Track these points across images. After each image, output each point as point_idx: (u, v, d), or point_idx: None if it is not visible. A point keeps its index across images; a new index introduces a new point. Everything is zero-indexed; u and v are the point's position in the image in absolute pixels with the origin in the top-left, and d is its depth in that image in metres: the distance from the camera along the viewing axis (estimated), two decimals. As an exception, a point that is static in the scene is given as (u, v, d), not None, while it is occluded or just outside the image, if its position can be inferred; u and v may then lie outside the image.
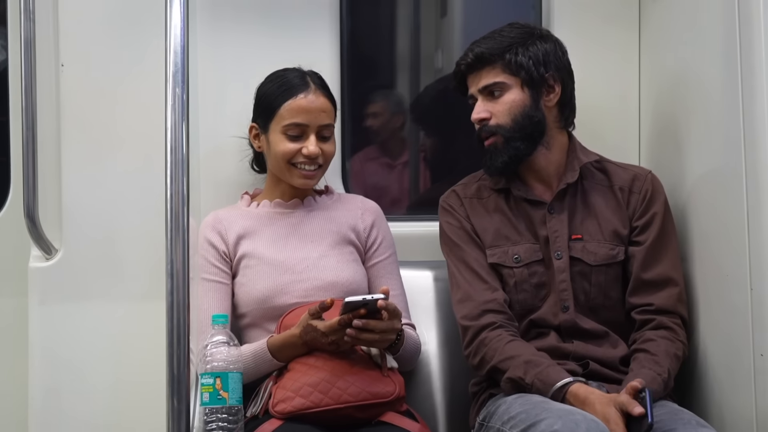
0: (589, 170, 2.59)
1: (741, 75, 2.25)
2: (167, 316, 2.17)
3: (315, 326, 2.37)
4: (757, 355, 2.21)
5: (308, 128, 2.58)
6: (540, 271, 2.52)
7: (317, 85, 2.62)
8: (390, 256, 2.70)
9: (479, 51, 2.52)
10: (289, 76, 2.63)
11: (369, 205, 2.74)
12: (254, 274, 2.58)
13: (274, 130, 2.60)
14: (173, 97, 2.19)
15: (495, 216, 2.58)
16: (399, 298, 2.64)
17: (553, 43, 2.55)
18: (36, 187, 2.70)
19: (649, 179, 2.58)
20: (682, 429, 2.20)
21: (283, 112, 2.58)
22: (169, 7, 2.22)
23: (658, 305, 2.47)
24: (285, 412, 2.36)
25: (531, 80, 2.50)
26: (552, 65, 2.52)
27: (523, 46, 2.50)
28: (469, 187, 2.65)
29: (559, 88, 2.53)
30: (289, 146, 2.58)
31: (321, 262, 2.59)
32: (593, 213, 2.55)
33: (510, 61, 2.49)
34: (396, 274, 2.69)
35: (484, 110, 2.53)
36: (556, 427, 2.09)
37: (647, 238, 2.52)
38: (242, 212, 2.68)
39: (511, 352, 2.40)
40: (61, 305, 2.77)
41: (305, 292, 2.55)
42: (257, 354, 2.47)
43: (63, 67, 2.77)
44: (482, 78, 2.53)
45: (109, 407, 2.79)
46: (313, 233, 2.65)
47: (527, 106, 2.50)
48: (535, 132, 2.52)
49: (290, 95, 2.58)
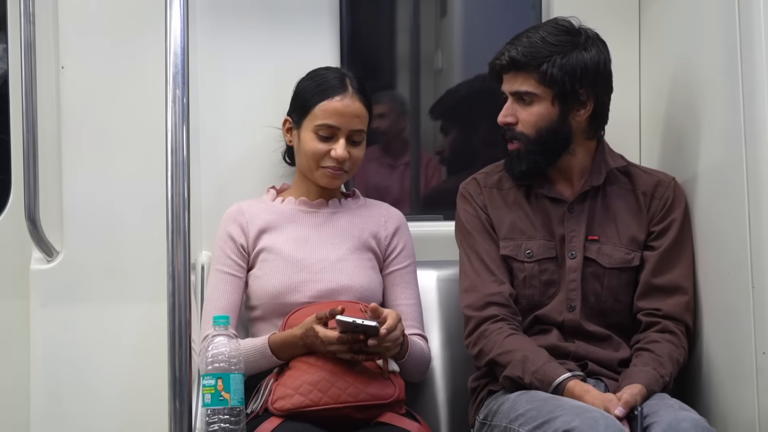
0: (614, 174, 2.56)
1: (741, 74, 2.24)
2: (168, 318, 2.17)
3: (316, 332, 2.37)
4: (759, 353, 2.21)
5: (339, 131, 2.58)
6: (551, 268, 2.52)
7: (355, 90, 2.61)
8: (409, 265, 2.69)
9: (515, 56, 2.44)
10: (328, 76, 2.63)
11: (393, 213, 2.74)
12: (270, 268, 2.58)
13: (306, 127, 2.60)
14: (173, 99, 2.18)
15: (513, 209, 2.56)
16: (413, 308, 2.64)
17: (596, 52, 2.45)
18: (37, 189, 2.70)
19: (672, 186, 2.56)
20: (663, 411, 2.20)
21: (317, 111, 2.58)
22: (169, 8, 2.21)
23: (665, 311, 2.47)
24: (284, 410, 2.37)
25: (563, 95, 2.44)
26: (588, 80, 2.44)
27: (563, 58, 2.42)
28: (490, 176, 2.63)
29: (591, 105, 2.48)
30: (319, 146, 2.58)
31: (338, 265, 2.59)
32: (612, 216, 2.53)
33: (545, 73, 2.42)
34: (413, 284, 2.68)
35: (511, 114, 2.50)
36: (574, 425, 2.08)
37: (662, 244, 2.51)
38: (266, 206, 2.68)
39: (509, 346, 2.39)
40: (62, 307, 2.77)
41: (318, 292, 2.55)
42: (257, 349, 2.48)
43: (63, 69, 2.77)
44: (516, 82, 2.48)
45: (110, 409, 2.79)
46: (334, 235, 2.64)
47: (554, 121, 2.46)
48: (558, 146, 2.49)
49: (327, 96, 2.58)
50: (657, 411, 2.21)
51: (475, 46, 3.43)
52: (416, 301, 2.67)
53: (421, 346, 2.58)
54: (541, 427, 2.15)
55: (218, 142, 2.85)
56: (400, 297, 2.65)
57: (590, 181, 2.53)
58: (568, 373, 2.32)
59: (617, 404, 2.21)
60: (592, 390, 2.29)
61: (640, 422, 2.17)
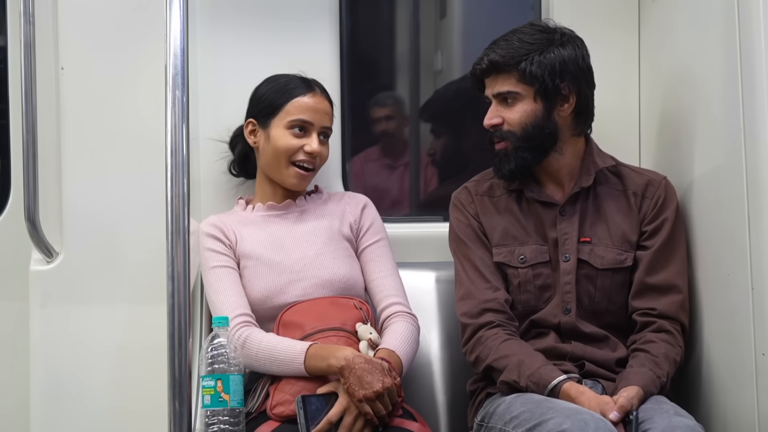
0: (604, 174, 2.57)
1: (741, 74, 2.24)
2: (168, 319, 2.17)
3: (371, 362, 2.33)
4: (758, 354, 2.21)
5: (313, 126, 2.63)
6: (545, 272, 2.52)
7: (320, 89, 2.68)
8: (380, 240, 2.70)
9: (494, 58, 2.48)
10: (291, 78, 2.68)
11: (357, 197, 2.78)
12: (252, 275, 2.59)
13: (277, 125, 2.63)
14: (173, 100, 2.19)
15: (505, 215, 2.57)
16: (390, 279, 2.64)
17: (573, 48, 2.49)
18: (36, 190, 2.70)
19: (663, 185, 2.56)
20: (658, 417, 2.20)
21: (289, 107, 2.62)
22: (169, 9, 2.22)
23: (660, 310, 2.47)
24: (283, 416, 2.38)
25: (545, 91, 2.47)
26: (568, 75, 2.47)
27: (540, 54, 2.46)
28: (481, 184, 2.64)
29: (574, 99, 2.50)
30: (293, 141, 2.61)
31: (317, 260, 2.61)
32: (604, 217, 2.54)
33: (524, 71, 2.45)
34: (388, 258, 2.68)
35: (497, 116, 2.51)
36: (565, 427, 2.09)
37: (655, 243, 2.51)
38: (239, 217, 2.70)
39: (505, 351, 2.40)
40: (61, 308, 2.77)
41: (304, 290, 2.57)
42: (295, 351, 2.42)
43: (63, 70, 2.77)
44: (497, 84, 2.51)
45: (110, 410, 2.79)
46: (308, 232, 2.66)
47: (539, 117, 2.48)
48: (545, 142, 2.50)
49: (297, 93, 2.64)
50: (652, 416, 2.21)
51: (474, 48, 3.41)
52: (392, 272, 2.67)
53: (411, 335, 2.55)
54: (533, 429, 2.15)
55: (218, 144, 2.85)
56: (375, 270, 2.65)
57: (580, 182, 2.54)
58: (563, 375, 2.32)
59: (613, 408, 2.21)
60: (587, 392, 2.29)
61: (635, 427, 2.17)
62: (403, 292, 2.65)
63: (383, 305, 2.61)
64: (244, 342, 2.45)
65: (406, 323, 2.57)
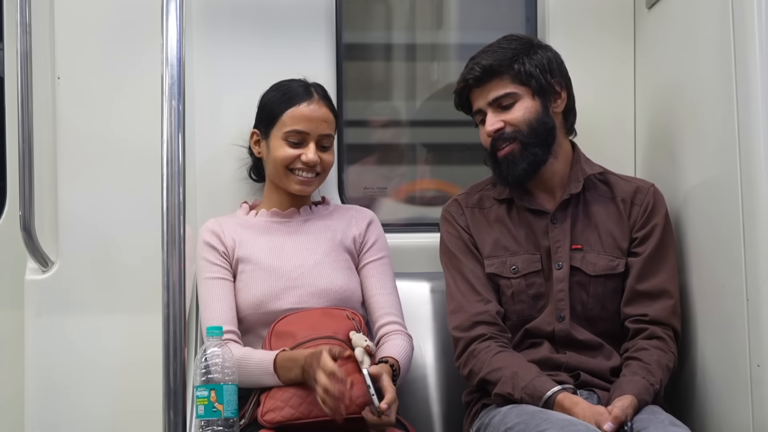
0: (592, 182, 2.59)
1: (736, 85, 2.25)
2: (164, 329, 2.17)
3: (319, 357, 2.30)
4: (753, 365, 2.21)
5: (309, 136, 2.63)
6: (538, 282, 2.52)
7: (320, 96, 2.67)
8: (383, 257, 2.70)
9: (487, 63, 2.51)
10: (293, 85, 2.68)
11: (364, 212, 2.77)
12: (249, 279, 2.59)
13: (275, 136, 2.64)
14: (169, 109, 2.19)
15: (495, 226, 2.58)
16: (390, 297, 2.64)
17: (552, 52, 2.57)
18: (32, 199, 2.70)
19: (651, 192, 2.58)
20: (653, 427, 2.20)
21: (285, 118, 2.62)
22: (165, 18, 2.22)
23: (652, 316, 2.47)
24: (274, 422, 2.37)
25: (540, 88, 2.51)
26: (557, 72, 2.54)
27: (528, 56, 2.51)
28: (471, 196, 2.65)
29: (565, 94, 2.55)
30: (289, 152, 2.62)
31: (315, 269, 2.60)
32: (594, 224, 2.55)
33: (519, 71, 2.49)
34: (389, 276, 2.68)
35: (497, 121, 2.52)
36: None
37: (645, 250, 2.52)
38: (240, 221, 2.70)
39: (499, 363, 2.40)
40: (57, 318, 2.77)
41: (299, 298, 2.57)
42: (265, 364, 2.43)
43: (59, 79, 2.77)
44: (491, 90, 2.52)
45: (105, 420, 2.79)
46: (309, 241, 2.66)
47: (540, 113, 2.51)
48: (549, 138, 2.53)
49: (293, 103, 2.63)
50: (647, 427, 2.21)
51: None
52: (392, 291, 2.66)
53: (407, 352, 2.55)
54: None
55: (214, 152, 2.86)
56: (376, 287, 2.65)
57: (569, 189, 2.55)
58: (557, 386, 2.32)
59: (607, 418, 2.20)
60: (581, 402, 2.29)
61: None
62: (401, 312, 2.65)
63: (381, 322, 2.61)
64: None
65: (402, 340, 2.57)
